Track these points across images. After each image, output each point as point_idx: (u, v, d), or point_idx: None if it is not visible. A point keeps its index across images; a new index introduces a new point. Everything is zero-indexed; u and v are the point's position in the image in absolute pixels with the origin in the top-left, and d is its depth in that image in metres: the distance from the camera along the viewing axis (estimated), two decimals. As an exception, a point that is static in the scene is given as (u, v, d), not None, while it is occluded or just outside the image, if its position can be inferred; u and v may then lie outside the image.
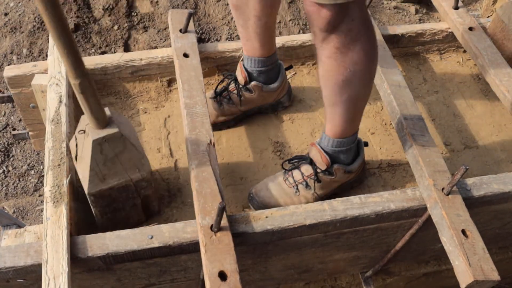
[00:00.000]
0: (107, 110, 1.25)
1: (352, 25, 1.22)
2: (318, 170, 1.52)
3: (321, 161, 1.51)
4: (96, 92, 1.18)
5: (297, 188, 1.54)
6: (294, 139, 1.75)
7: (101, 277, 1.36)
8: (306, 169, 1.54)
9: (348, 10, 1.19)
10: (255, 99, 1.74)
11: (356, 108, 1.43)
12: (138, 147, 1.34)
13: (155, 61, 1.77)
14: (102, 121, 1.23)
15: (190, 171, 1.38)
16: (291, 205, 1.47)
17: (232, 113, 1.76)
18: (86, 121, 1.26)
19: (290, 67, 1.82)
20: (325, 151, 1.51)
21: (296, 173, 1.55)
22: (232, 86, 1.73)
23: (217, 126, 1.76)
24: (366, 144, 1.60)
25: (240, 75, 1.71)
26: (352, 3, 1.18)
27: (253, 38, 1.63)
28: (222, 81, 1.79)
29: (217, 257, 1.21)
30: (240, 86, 1.71)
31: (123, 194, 1.38)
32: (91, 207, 1.38)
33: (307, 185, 1.53)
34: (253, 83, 1.70)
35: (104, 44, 3.01)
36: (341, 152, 1.51)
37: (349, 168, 1.53)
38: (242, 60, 1.72)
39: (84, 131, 1.26)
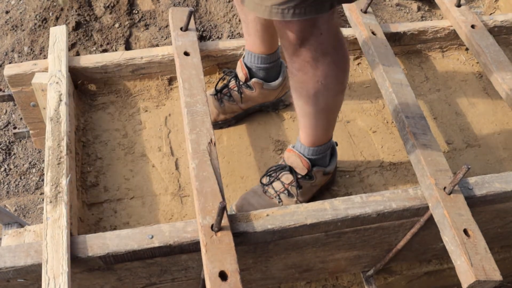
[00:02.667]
0: None
1: (322, 38, 1.21)
2: (299, 176, 1.52)
3: (302, 166, 1.51)
4: None
5: (280, 198, 1.53)
6: (295, 138, 1.74)
7: (102, 277, 1.36)
8: (287, 177, 1.53)
9: (316, 24, 1.18)
10: (255, 97, 1.73)
11: (329, 118, 1.44)
12: None
13: (156, 59, 1.77)
14: None
15: (191, 170, 1.38)
16: None
17: (233, 111, 1.75)
18: None
19: None
20: (305, 156, 1.51)
21: (276, 183, 1.54)
22: (232, 83, 1.72)
23: (218, 125, 1.75)
24: (336, 143, 1.61)
25: (241, 72, 1.70)
26: (320, 17, 1.17)
27: (253, 34, 1.62)
28: (223, 78, 1.78)
29: (218, 257, 1.21)
30: (241, 83, 1.70)
31: None
32: None
33: (289, 194, 1.53)
34: (253, 80, 1.69)
35: (105, 42, 3.01)
36: (319, 158, 1.52)
37: (326, 169, 1.54)
38: (243, 58, 1.71)
39: None
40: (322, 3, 1.13)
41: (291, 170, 1.52)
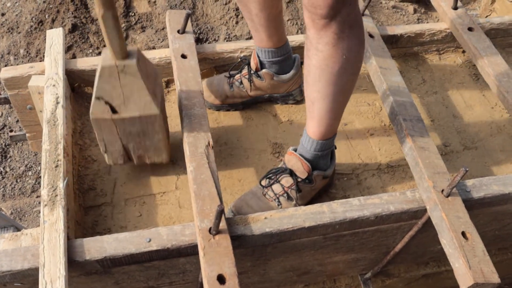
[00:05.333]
0: (130, 47, 1.30)
1: (350, 9, 1.24)
2: (299, 180, 1.51)
3: (302, 169, 1.50)
4: (119, 24, 1.23)
5: (279, 201, 1.52)
6: (293, 140, 1.74)
7: (99, 281, 1.35)
8: (287, 180, 1.52)
9: None
10: (265, 87, 1.75)
11: (344, 100, 1.44)
12: (150, 90, 1.36)
13: (153, 62, 1.76)
14: (124, 53, 1.27)
15: (188, 173, 1.37)
16: None
17: (242, 96, 1.78)
18: (105, 78, 1.30)
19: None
20: (305, 158, 1.50)
21: (275, 186, 1.53)
22: (245, 70, 1.75)
23: (224, 107, 1.79)
24: (335, 147, 1.61)
25: (253, 61, 1.72)
26: None
27: (260, 30, 1.63)
28: (238, 63, 1.80)
29: (216, 260, 1.20)
30: (252, 72, 1.72)
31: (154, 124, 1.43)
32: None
33: (288, 197, 1.52)
34: (264, 70, 1.72)
35: (102, 44, 3.00)
36: (321, 157, 1.51)
37: (326, 173, 1.54)
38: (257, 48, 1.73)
39: (115, 72, 1.29)
40: None
41: (291, 173, 1.51)
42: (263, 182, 1.55)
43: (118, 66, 1.28)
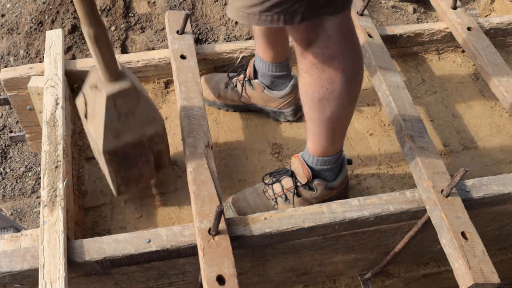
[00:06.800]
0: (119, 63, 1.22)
1: (330, 42, 1.15)
2: (298, 184, 1.47)
3: (302, 174, 1.46)
4: (110, 42, 1.15)
5: (276, 201, 1.50)
6: (292, 141, 1.74)
7: (99, 282, 1.35)
8: (287, 182, 1.49)
9: (323, 27, 1.13)
10: (256, 97, 1.73)
11: (335, 128, 1.36)
12: (150, 100, 1.30)
13: (152, 62, 1.76)
14: (115, 74, 1.18)
15: (188, 173, 1.37)
16: None
17: (233, 100, 1.77)
18: (95, 76, 1.21)
19: None
20: (307, 164, 1.46)
21: (276, 185, 1.51)
22: (241, 75, 1.74)
23: (216, 105, 1.79)
24: (350, 162, 1.55)
25: (249, 68, 1.71)
26: (328, 20, 1.12)
27: (257, 40, 1.62)
28: (242, 65, 1.79)
29: (215, 261, 1.20)
30: (246, 79, 1.71)
31: (137, 151, 1.35)
32: (105, 167, 1.35)
33: (286, 199, 1.49)
34: (256, 81, 1.70)
35: (101, 45, 3.00)
36: (323, 170, 1.46)
37: (330, 184, 1.47)
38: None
39: (96, 87, 1.21)
40: (318, 8, 1.08)
41: (293, 176, 1.49)
42: (266, 179, 1.55)
43: (120, 91, 1.19)
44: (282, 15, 1.07)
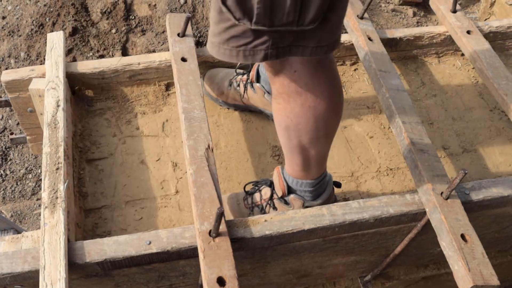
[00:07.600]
0: None
1: (295, 76, 1.09)
2: (275, 196, 1.44)
3: (279, 186, 1.43)
4: None
5: (252, 211, 1.49)
6: (292, 143, 1.75)
7: (99, 283, 1.36)
8: (265, 192, 1.47)
9: (288, 61, 1.08)
10: (256, 99, 1.75)
11: (307, 157, 1.30)
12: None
13: (153, 65, 1.77)
14: None
15: (188, 176, 1.38)
16: None
17: (235, 99, 1.78)
18: None
19: None
20: (284, 178, 1.42)
21: (256, 195, 1.49)
22: (245, 76, 1.75)
23: (218, 101, 1.80)
24: (338, 185, 1.50)
25: (252, 70, 1.73)
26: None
27: None
28: (248, 66, 1.80)
29: (216, 263, 1.21)
30: (248, 81, 1.73)
31: None
32: None
33: (262, 209, 1.48)
34: (258, 85, 1.71)
35: (102, 48, 3.01)
36: (300, 191, 1.42)
37: (309, 203, 1.42)
38: None
39: None
40: (284, 46, 1.00)
41: (271, 186, 1.46)
42: (248, 187, 1.53)
43: None
44: (241, 50, 1.00)
